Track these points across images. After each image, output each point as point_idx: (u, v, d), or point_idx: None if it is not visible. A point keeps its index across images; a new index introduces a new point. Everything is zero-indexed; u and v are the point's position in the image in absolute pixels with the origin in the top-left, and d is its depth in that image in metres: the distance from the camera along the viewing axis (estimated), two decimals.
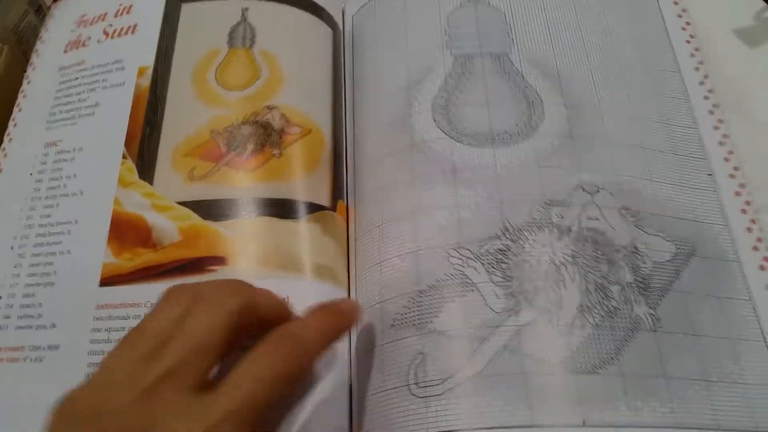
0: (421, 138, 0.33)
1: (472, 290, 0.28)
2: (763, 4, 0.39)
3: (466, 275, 0.28)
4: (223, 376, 0.22)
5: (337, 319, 0.26)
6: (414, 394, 0.27)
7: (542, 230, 0.29)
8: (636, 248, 0.29)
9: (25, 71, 0.41)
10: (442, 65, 0.35)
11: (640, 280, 0.28)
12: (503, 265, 0.28)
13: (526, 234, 0.29)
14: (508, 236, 0.29)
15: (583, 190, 0.30)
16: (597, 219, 0.29)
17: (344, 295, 0.32)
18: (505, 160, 0.31)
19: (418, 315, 0.28)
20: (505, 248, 0.29)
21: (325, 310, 0.26)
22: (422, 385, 0.27)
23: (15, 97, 0.40)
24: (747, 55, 0.37)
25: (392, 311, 0.29)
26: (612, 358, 0.26)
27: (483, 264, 0.28)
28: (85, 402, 0.21)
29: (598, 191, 0.30)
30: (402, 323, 0.29)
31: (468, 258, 0.29)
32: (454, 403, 0.26)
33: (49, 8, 0.43)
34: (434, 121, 0.33)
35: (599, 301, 0.27)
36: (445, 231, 0.30)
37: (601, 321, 0.27)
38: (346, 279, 0.32)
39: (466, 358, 0.26)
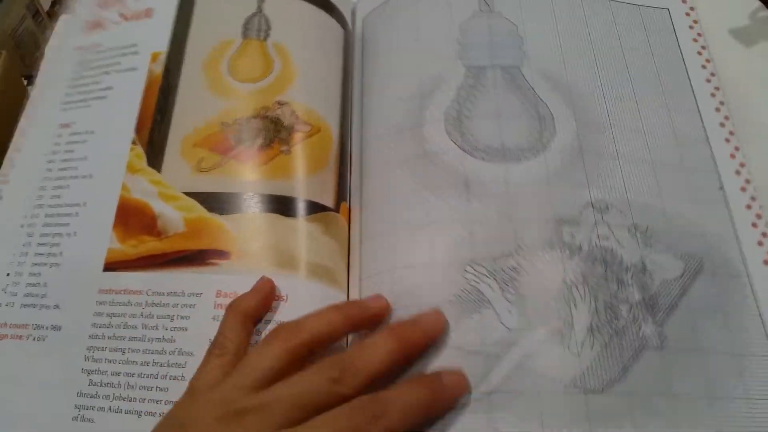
0: (432, 149, 0.32)
1: (488, 307, 0.28)
2: (759, 3, 0.38)
3: (480, 291, 0.28)
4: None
5: (432, 393, 0.25)
6: None
7: (554, 249, 0.29)
8: (644, 266, 0.29)
9: (22, 75, 0.41)
10: (454, 76, 0.35)
11: (648, 298, 0.28)
12: (516, 283, 0.28)
13: (538, 252, 0.29)
14: (520, 254, 0.29)
15: (593, 207, 0.30)
16: (607, 238, 0.29)
17: (342, 296, 0.31)
18: (516, 177, 0.31)
19: None
20: (518, 265, 0.29)
21: (425, 381, 0.26)
22: None
23: (13, 101, 0.39)
24: (743, 55, 0.37)
25: None
26: (619, 377, 0.26)
27: (497, 280, 0.28)
28: (180, 410, 0.24)
29: (608, 209, 0.30)
30: None
31: (482, 274, 0.29)
32: (469, 419, 0.26)
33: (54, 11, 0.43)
34: (447, 132, 0.33)
35: (608, 321, 0.27)
36: (460, 245, 0.29)
37: (609, 340, 0.27)
38: (346, 281, 0.32)
39: (482, 374, 0.26)
